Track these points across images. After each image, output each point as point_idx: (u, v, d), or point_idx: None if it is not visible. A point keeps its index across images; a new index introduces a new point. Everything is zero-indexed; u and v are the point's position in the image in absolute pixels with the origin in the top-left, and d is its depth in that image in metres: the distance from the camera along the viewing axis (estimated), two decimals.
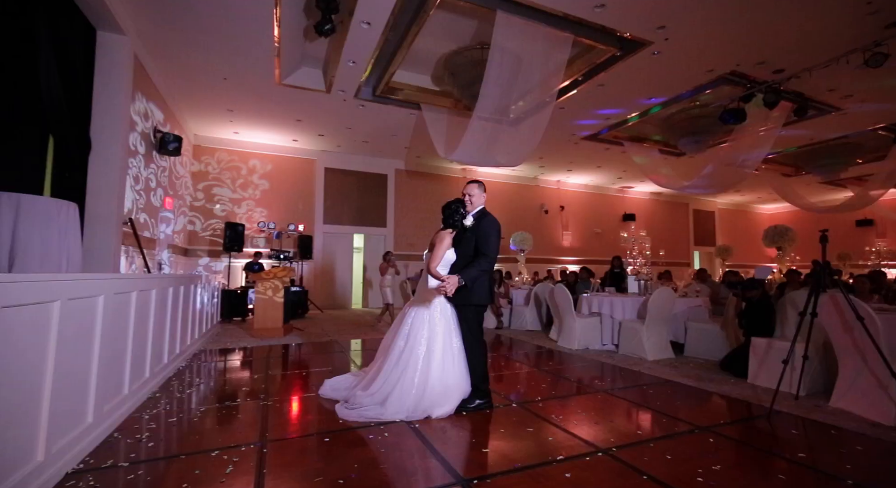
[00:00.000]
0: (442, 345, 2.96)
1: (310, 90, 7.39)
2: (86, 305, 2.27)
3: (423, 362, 2.91)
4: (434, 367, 2.90)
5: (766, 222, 17.30)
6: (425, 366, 2.91)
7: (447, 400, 2.88)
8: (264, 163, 10.29)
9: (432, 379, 2.88)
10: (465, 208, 3.12)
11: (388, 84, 7.41)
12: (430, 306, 3.05)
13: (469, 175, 12.34)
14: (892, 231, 13.37)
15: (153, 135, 6.56)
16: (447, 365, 2.93)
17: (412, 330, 3.01)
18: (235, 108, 8.25)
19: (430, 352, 2.93)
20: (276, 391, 3.52)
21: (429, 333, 2.97)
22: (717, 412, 3.15)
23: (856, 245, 13.63)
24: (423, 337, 2.96)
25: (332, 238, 10.88)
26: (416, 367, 2.90)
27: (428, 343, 2.95)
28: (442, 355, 2.94)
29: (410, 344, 2.96)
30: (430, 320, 3.01)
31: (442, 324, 3.01)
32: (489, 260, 2.98)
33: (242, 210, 10.03)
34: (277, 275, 6.41)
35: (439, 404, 2.84)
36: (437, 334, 2.97)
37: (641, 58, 6.24)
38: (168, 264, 6.97)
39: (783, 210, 16.58)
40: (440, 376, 2.90)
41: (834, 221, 13.63)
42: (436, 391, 2.87)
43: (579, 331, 5.51)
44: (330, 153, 10.88)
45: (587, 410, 3.09)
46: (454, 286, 2.80)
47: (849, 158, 9.85)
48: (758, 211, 17.49)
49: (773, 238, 9.63)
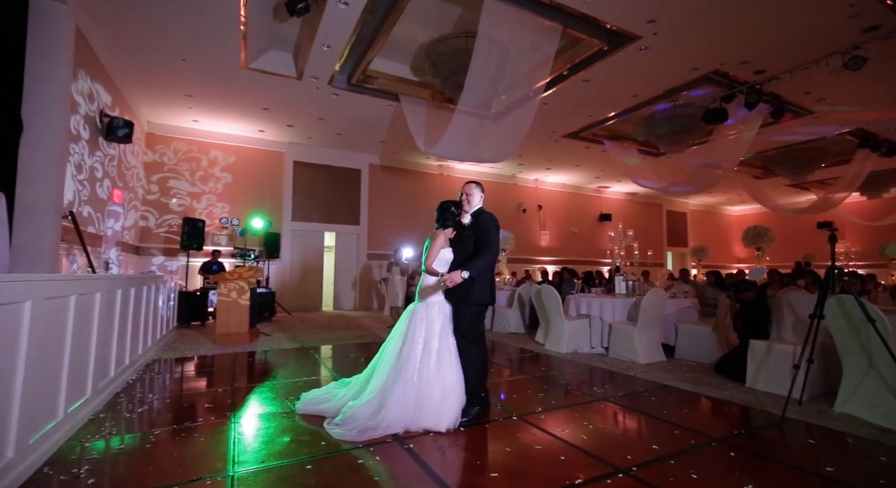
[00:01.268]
0: (439, 343, 2.80)
1: (279, 76, 6.92)
2: (7, 313, 1.86)
3: (421, 359, 2.74)
4: (432, 365, 2.74)
5: (734, 223, 18.02)
6: (423, 368, 2.72)
7: (447, 404, 2.68)
8: (227, 155, 9.67)
9: (431, 378, 2.70)
10: (459, 208, 3.08)
11: (365, 72, 7.06)
12: (428, 304, 2.91)
13: (446, 172, 12.11)
14: (850, 233, 14.16)
15: (99, 120, 5.94)
16: (444, 363, 2.76)
17: (409, 329, 2.85)
18: (195, 94, 7.65)
19: (427, 350, 2.77)
20: (245, 407, 3.14)
21: (426, 332, 2.82)
22: (725, 420, 3.05)
23: (817, 246, 14.33)
24: (420, 335, 2.80)
25: (301, 236, 10.37)
26: (414, 366, 2.71)
27: (425, 341, 2.79)
28: (438, 354, 2.77)
29: (408, 344, 2.79)
30: (428, 319, 2.86)
31: (439, 321, 2.85)
32: (492, 252, 2.91)
33: (202, 205, 9.38)
34: (243, 275, 5.94)
35: (439, 412, 2.64)
36: (435, 332, 2.82)
37: (629, 53, 6.19)
38: (116, 263, 6.34)
39: (751, 211, 17.28)
40: (438, 374, 2.72)
41: (797, 223, 14.31)
42: (435, 391, 2.68)
43: (568, 334, 5.38)
44: (300, 145, 10.37)
45: (593, 421, 2.91)
46: (456, 280, 2.72)
47: (816, 162, 10.27)
48: (727, 212, 18.16)
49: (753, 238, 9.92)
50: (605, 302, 5.34)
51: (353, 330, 7.32)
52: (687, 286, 6.14)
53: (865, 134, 8.97)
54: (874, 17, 5.31)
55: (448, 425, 2.62)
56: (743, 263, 16.34)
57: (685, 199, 16.33)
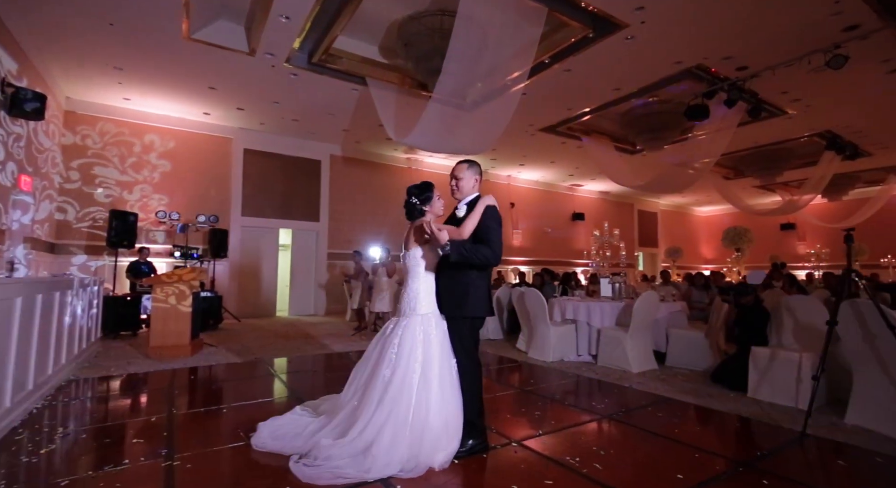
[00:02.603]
0: (439, 368, 2.38)
1: (228, 50, 6.30)
2: None
3: (418, 392, 2.31)
4: (433, 398, 2.33)
5: (702, 224, 18.77)
6: (422, 397, 2.31)
7: (447, 437, 2.32)
8: (165, 140, 8.83)
9: (431, 414, 2.30)
10: (423, 193, 2.60)
11: (329, 51, 6.58)
12: (425, 319, 2.46)
13: (415, 165, 11.73)
14: (811, 235, 15.04)
15: (1, 90, 5.12)
16: (446, 392, 2.37)
17: (401, 352, 2.39)
18: (126, 67, 6.85)
19: (426, 379, 2.34)
20: (187, 442, 2.66)
21: (423, 355, 2.38)
22: (742, 439, 2.92)
23: (781, 248, 15.13)
24: (415, 360, 2.36)
25: (252, 233, 9.68)
26: (409, 401, 2.29)
27: (423, 367, 2.36)
28: (440, 381, 2.37)
29: (401, 371, 2.35)
30: (425, 338, 2.41)
31: (437, 340, 2.43)
32: (492, 253, 2.45)
33: (135, 196, 8.50)
34: (183, 277, 5.33)
35: (441, 447, 2.27)
36: (433, 356, 2.39)
37: (614, 42, 6.11)
38: (24, 263, 5.52)
39: (719, 212, 18.05)
40: (439, 409, 2.33)
41: (763, 225, 15.03)
42: (435, 429, 2.29)
43: (554, 341, 5.17)
44: (251, 132, 9.66)
45: (602, 445, 2.66)
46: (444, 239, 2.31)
47: (784, 163, 10.74)
48: (695, 213, 18.88)
49: (734, 239, 10.22)
50: (592, 306, 5.18)
51: (314, 338, 6.81)
52: (674, 289, 6.12)
53: (833, 136, 9.43)
54: (856, 16, 5.46)
55: (442, 461, 2.27)
56: (711, 264, 17.02)
57: (656, 199, 16.79)
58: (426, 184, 2.64)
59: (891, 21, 5.50)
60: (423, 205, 2.56)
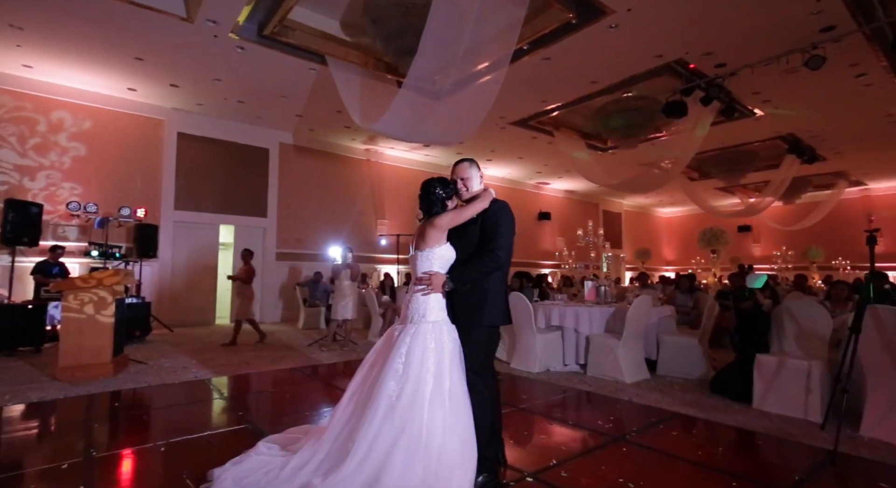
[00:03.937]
0: (450, 381, 2.13)
1: (160, 12, 5.56)
2: None
3: (430, 407, 2.04)
4: (448, 415, 2.06)
5: (663, 225, 19.54)
6: (437, 413, 2.04)
7: (463, 460, 2.03)
8: (79, 119, 7.81)
9: (447, 432, 2.03)
10: (448, 187, 2.48)
11: (283, 22, 6.01)
12: (436, 327, 2.21)
13: (375, 157, 11.23)
14: (765, 237, 16.04)
15: None
16: (459, 409, 2.11)
17: (409, 362, 2.11)
18: (28, 26, 5.90)
19: (439, 392, 2.08)
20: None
21: (436, 366, 2.12)
22: (768, 460, 2.81)
23: (739, 249, 16.00)
24: (427, 371, 2.10)
25: (187, 229, 8.82)
26: (421, 418, 2.01)
27: (436, 378, 2.10)
28: (452, 396, 2.11)
29: (411, 384, 2.07)
30: (437, 347, 2.16)
31: (449, 351, 2.19)
32: (496, 258, 2.32)
33: (39, 184, 7.45)
34: (104, 281, 4.61)
35: (457, 474, 1.99)
36: (446, 368, 2.14)
37: (597, 30, 6.05)
38: None
39: (680, 214, 18.86)
40: (455, 426, 2.05)
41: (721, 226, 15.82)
42: (452, 452, 2.00)
43: (540, 350, 4.95)
44: (187, 113, 8.79)
45: (626, 475, 2.42)
46: (440, 283, 2.27)
47: (747, 165, 11.29)
48: (657, 214, 19.61)
49: (710, 240, 10.54)
50: (580, 311, 5.01)
51: (266, 350, 6.21)
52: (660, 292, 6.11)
53: (795, 139, 9.97)
54: (835, 16, 5.68)
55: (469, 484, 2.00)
56: (672, 266, 17.75)
57: (620, 199, 17.25)
58: (445, 179, 2.52)
59: (863, 22, 5.77)
60: (448, 199, 2.44)
